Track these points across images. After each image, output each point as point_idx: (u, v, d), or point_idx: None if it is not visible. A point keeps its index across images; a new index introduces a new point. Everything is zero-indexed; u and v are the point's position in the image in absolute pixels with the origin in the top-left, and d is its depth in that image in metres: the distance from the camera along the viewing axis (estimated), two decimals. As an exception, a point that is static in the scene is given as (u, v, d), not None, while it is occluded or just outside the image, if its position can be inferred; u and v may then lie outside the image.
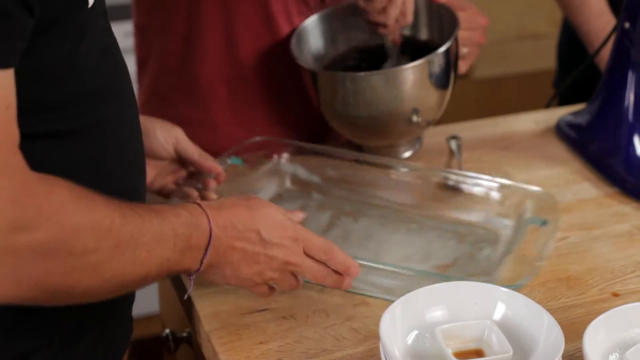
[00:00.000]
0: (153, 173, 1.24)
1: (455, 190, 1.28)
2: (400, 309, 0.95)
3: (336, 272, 1.02)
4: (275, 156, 1.33)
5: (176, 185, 1.26)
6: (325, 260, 1.01)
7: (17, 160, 0.80)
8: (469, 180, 1.27)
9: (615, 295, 1.11)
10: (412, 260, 1.17)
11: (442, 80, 1.34)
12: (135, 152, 1.01)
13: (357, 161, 1.31)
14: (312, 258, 1.01)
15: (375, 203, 1.29)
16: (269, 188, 1.31)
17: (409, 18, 1.36)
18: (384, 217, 1.27)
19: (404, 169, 1.31)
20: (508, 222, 1.23)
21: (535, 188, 1.24)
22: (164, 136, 1.23)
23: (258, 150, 1.32)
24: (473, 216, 1.26)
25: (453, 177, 1.28)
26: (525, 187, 1.25)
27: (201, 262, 0.95)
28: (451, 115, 1.29)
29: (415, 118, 1.34)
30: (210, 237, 0.95)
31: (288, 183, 1.33)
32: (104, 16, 0.94)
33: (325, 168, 1.31)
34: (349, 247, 1.11)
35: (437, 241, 1.22)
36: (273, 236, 0.99)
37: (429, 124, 1.38)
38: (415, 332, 0.96)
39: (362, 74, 1.31)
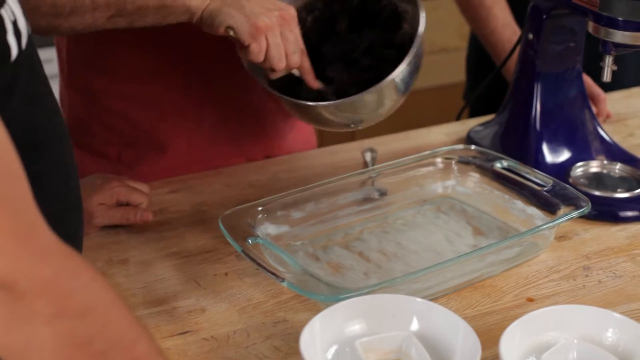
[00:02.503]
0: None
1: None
2: (319, 325, 0.95)
3: None
4: None
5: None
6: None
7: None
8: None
9: (530, 300, 1.13)
10: (443, 245, 1.22)
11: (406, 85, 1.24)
12: (71, 198, 0.95)
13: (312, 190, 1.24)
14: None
15: (356, 219, 1.27)
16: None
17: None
18: (378, 226, 1.27)
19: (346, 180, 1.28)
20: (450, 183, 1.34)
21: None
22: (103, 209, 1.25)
23: None
24: (436, 188, 1.34)
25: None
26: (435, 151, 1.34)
27: None
28: (365, 129, 1.29)
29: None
30: None
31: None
32: (32, 63, 0.87)
33: (289, 213, 1.22)
34: (390, 267, 1.16)
35: (436, 219, 1.28)
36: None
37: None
38: (335, 346, 0.96)
39: (314, 104, 1.19)
